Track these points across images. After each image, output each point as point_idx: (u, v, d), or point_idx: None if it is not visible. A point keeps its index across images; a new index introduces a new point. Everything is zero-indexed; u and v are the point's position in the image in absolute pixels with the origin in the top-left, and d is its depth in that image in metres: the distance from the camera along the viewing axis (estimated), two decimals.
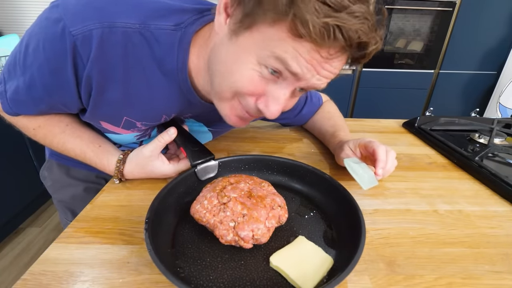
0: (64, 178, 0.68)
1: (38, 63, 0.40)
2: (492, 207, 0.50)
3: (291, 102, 0.43)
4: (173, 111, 0.51)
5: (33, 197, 1.66)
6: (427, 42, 2.02)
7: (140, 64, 0.42)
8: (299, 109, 0.72)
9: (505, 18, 1.93)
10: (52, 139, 0.52)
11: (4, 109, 0.48)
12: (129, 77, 0.42)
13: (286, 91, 0.38)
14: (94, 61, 0.39)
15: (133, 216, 0.45)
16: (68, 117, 0.54)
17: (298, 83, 0.37)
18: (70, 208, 0.71)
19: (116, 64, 0.40)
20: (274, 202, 0.40)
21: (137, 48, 0.40)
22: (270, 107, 0.39)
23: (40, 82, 0.42)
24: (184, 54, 0.42)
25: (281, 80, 0.38)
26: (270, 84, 0.38)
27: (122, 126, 0.50)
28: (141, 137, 0.57)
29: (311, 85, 0.38)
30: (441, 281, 0.35)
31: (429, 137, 0.75)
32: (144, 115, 0.49)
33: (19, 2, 1.97)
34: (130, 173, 0.52)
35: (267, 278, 0.34)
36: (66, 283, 0.33)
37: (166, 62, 0.43)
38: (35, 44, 0.39)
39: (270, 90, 0.38)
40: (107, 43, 0.38)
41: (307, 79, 0.36)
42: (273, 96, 0.39)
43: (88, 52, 0.38)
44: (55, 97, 0.45)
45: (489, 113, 2.10)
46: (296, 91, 0.40)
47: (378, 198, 0.52)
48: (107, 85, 0.42)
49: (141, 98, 0.45)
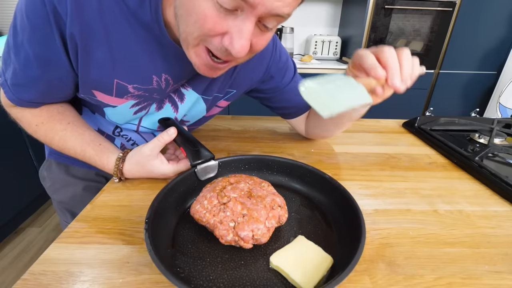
0: (63, 177, 0.68)
1: (27, 37, 0.41)
2: (492, 207, 0.50)
3: (259, 40, 0.40)
4: (161, 70, 0.49)
5: (33, 197, 1.66)
6: (427, 42, 2.02)
7: (117, 18, 0.41)
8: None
9: (505, 18, 1.93)
10: (53, 136, 0.53)
11: (8, 97, 0.49)
12: (110, 33, 0.42)
13: (247, 22, 0.36)
14: (72, 17, 0.39)
15: (133, 216, 0.45)
16: (70, 115, 0.54)
17: (256, 11, 0.34)
18: (70, 209, 0.71)
19: (95, 21, 0.40)
20: (274, 202, 0.40)
21: (111, 2, 0.40)
22: (234, 43, 0.36)
23: (34, 57, 0.43)
24: (156, 4, 0.42)
25: (240, 13, 0.35)
26: (229, 19, 0.36)
27: (115, 93, 0.50)
28: (138, 110, 0.55)
29: (272, 10, 0.34)
30: (441, 281, 0.35)
31: (429, 137, 0.75)
32: (133, 76, 0.48)
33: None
34: (129, 172, 0.52)
35: (267, 278, 0.34)
36: (66, 283, 0.33)
37: (141, 14, 0.42)
38: (20, 20, 0.40)
39: (231, 25, 0.36)
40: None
41: (262, 2, 0.33)
42: (235, 31, 0.36)
43: (65, 9, 0.38)
44: (50, 71, 0.45)
45: (489, 113, 2.10)
46: (261, 25, 0.38)
47: (378, 198, 0.52)
48: (90, 44, 0.42)
49: (126, 55, 0.45)
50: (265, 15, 0.36)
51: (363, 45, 2.01)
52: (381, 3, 1.89)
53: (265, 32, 0.40)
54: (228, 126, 0.84)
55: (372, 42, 2.00)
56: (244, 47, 0.37)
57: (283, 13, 0.36)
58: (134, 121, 0.59)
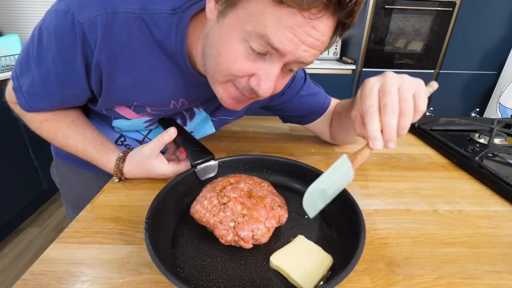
0: (69, 176, 0.70)
1: (51, 55, 0.42)
2: (492, 207, 0.50)
3: (281, 82, 0.43)
4: (180, 95, 0.51)
5: (33, 197, 1.66)
6: (427, 42, 2.02)
7: (144, 48, 0.43)
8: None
9: (505, 18, 1.93)
10: (56, 133, 0.53)
11: (20, 104, 0.50)
12: (136, 62, 0.44)
13: (275, 66, 0.38)
14: (101, 47, 0.40)
15: (133, 216, 0.45)
16: (74, 114, 0.55)
17: (284, 58, 0.37)
18: (76, 205, 0.72)
19: (122, 49, 0.42)
20: (274, 202, 0.40)
21: (139, 33, 0.42)
22: (261, 85, 0.39)
23: (54, 73, 0.44)
24: (182, 37, 0.43)
25: (268, 57, 0.37)
26: (258, 62, 0.38)
27: (133, 109, 0.52)
28: (150, 124, 0.58)
29: (299, 59, 0.37)
30: (441, 281, 0.35)
31: (429, 137, 0.75)
32: (153, 100, 0.50)
33: (19, 2, 1.97)
34: (129, 172, 0.52)
35: (267, 278, 0.34)
36: (66, 283, 0.33)
37: (167, 45, 0.44)
38: (47, 37, 0.41)
39: (259, 68, 0.38)
40: (111, 29, 0.40)
41: (292, 52, 0.35)
42: (263, 73, 0.38)
43: (95, 38, 0.40)
44: (68, 89, 0.47)
45: (489, 113, 2.10)
46: (286, 69, 0.40)
47: (378, 198, 0.52)
48: (116, 71, 0.44)
49: (148, 82, 0.47)
50: (292, 61, 0.38)
51: (363, 45, 2.01)
52: (381, 3, 1.89)
53: (287, 74, 0.42)
54: (228, 126, 0.84)
55: (372, 42, 2.00)
56: (270, 88, 0.39)
57: (308, 62, 0.38)
58: (143, 131, 0.61)
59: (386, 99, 0.35)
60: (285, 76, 0.43)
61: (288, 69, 0.41)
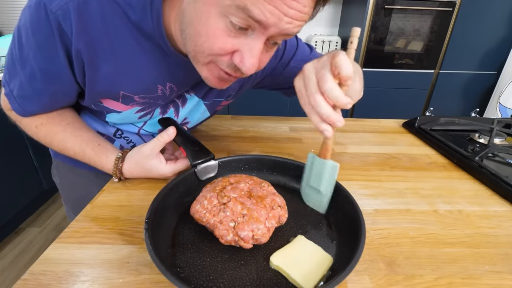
0: (70, 176, 0.70)
1: (32, 52, 0.41)
2: (492, 207, 0.50)
3: (266, 56, 0.42)
4: (166, 79, 0.50)
5: (33, 197, 1.66)
6: (427, 42, 2.02)
7: (121, 31, 0.42)
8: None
9: (505, 18, 1.93)
10: (53, 137, 0.53)
11: (14, 109, 0.49)
12: (115, 47, 0.42)
13: (258, 41, 0.36)
14: (78, 34, 0.39)
15: (133, 216, 0.45)
16: (69, 116, 0.55)
17: (267, 31, 0.35)
18: (76, 206, 0.72)
19: (100, 35, 0.41)
20: (274, 202, 0.40)
21: (114, 16, 0.40)
22: (245, 61, 0.37)
23: (39, 71, 0.43)
24: (157, 16, 0.42)
25: (250, 32, 0.36)
26: (241, 38, 0.37)
27: (120, 101, 0.51)
28: (143, 115, 0.56)
29: (282, 31, 0.35)
30: (441, 281, 0.35)
31: (429, 137, 0.75)
32: (139, 86, 0.49)
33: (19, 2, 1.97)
34: (128, 172, 0.52)
35: (267, 278, 0.34)
36: (66, 283, 0.33)
37: (143, 26, 0.42)
38: (25, 35, 0.40)
39: (241, 44, 0.37)
40: (84, 14, 0.38)
41: (275, 24, 0.34)
42: (246, 49, 0.37)
43: (70, 26, 0.39)
44: (54, 84, 0.45)
45: (489, 113, 2.10)
46: (269, 43, 0.39)
47: (378, 198, 0.52)
48: (96, 59, 0.43)
49: (131, 67, 0.45)
50: (276, 34, 0.36)
51: (363, 45, 2.01)
52: (381, 3, 1.89)
53: (271, 48, 0.41)
54: (228, 126, 0.84)
55: (372, 42, 2.00)
56: (254, 64, 0.38)
57: (293, 33, 0.37)
58: (137, 123, 0.60)
59: (307, 91, 0.36)
60: (269, 51, 0.41)
61: (272, 43, 0.39)
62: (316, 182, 0.43)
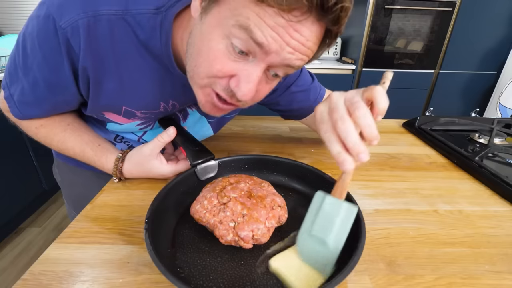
0: (70, 175, 0.70)
1: (37, 62, 0.41)
2: (492, 207, 0.50)
3: (265, 87, 0.41)
4: (168, 97, 0.50)
5: (33, 197, 1.66)
6: (427, 42, 2.02)
7: (129, 50, 0.42)
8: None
9: (505, 18, 1.93)
10: (53, 138, 0.53)
11: (13, 113, 0.49)
12: (121, 64, 0.42)
13: (257, 68, 0.36)
14: (85, 51, 0.39)
15: (133, 216, 0.45)
16: (69, 117, 0.55)
17: (268, 58, 0.35)
18: (77, 204, 0.72)
19: (107, 53, 0.41)
20: (274, 202, 0.40)
21: (123, 35, 0.40)
22: (241, 86, 0.36)
23: (43, 81, 0.43)
24: (166, 37, 0.42)
25: (251, 58, 0.35)
26: (240, 63, 0.36)
27: (122, 115, 0.51)
28: (144, 127, 0.57)
29: (284, 60, 0.35)
30: (441, 281, 0.35)
31: (429, 137, 0.75)
32: (141, 103, 0.49)
33: (19, 2, 1.97)
34: (128, 172, 0.52)
35: (267, 278, 0.34)
36: (66, 283, 0.33)
37: (151, 45, 0.42)
38: (31, 44, 0.40)
39: (240, 69, 0.36)
40: (94, 32, 0.38)
41: (276, 51, 0.33)
42: (243, 74, 0.36)
43: (78, 43, 0.38)
44: (58, 95, 0.46)
45: (489, 113, 2.10)
46: (270, 74, 0.38)
47: (378, 198, 0.52)
48: (102, 76, 0.43)
49: (135, 85, 0.45)
50: (277, 64, 0.36)
51: (363, 45, 2.01)
52: (381, 3, 1.89)
53: (272, 80, 0.40)
54: (228, 126, 0.84)
55: (372, 42, 2.00)
56: (251, 90, 0.37)
57: (294, 65, 0.36)
58: (137, 133, 0.60)
59: (334, 116, 0.31)
60: (269, 83, 0.41)
61: (273, 74, 0.39)
62: (323, 230, 0.32)
